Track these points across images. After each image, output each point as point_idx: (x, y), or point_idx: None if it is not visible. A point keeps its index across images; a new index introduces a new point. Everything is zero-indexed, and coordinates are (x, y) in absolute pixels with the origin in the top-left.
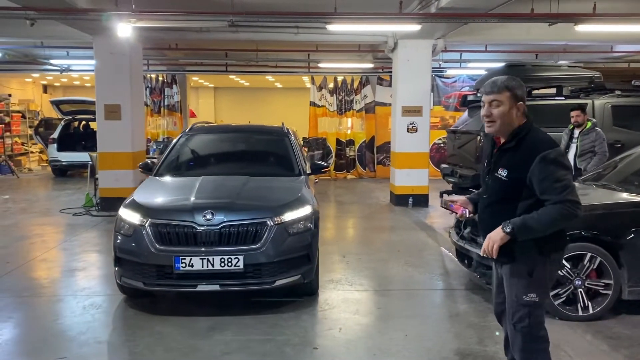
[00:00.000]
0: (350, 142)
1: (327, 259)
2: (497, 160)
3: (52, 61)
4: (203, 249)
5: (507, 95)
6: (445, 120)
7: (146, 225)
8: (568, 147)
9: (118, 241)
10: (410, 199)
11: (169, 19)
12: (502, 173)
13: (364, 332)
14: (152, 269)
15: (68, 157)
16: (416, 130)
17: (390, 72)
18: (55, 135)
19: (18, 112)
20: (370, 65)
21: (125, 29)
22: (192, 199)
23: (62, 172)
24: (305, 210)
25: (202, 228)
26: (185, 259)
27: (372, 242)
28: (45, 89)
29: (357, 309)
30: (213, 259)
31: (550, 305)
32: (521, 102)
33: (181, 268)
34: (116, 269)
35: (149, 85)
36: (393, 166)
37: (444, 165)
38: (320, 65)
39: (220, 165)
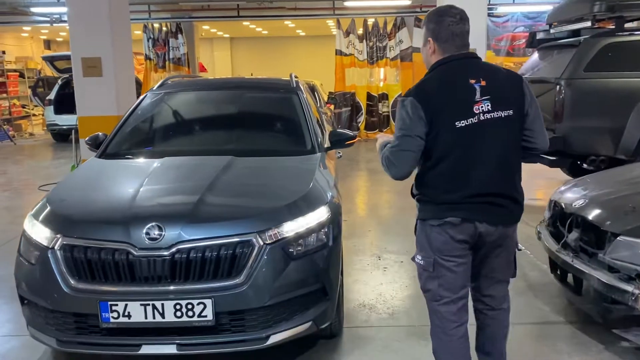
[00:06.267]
0: (384, 97)
1: (355, 262)
2: None
3: (34, 10)
4: (145, 288)
5: None
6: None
7: (56, 247)
8: None
9: (20, 271)
10: None
11: None
12: None
13: None
14: (68, 318)
15: (67, 120)
16: None
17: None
18: (52, 96)
19: (15, 70)
20: (407, 2)
21: None
22: (133, 200)
23: (63, 137)
24: (319, 214)
25: (143, 253)
26: (116, 305)
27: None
28: (48, 44)
29: None
30: (163, 305)
31: None
32: None
33: (111, 320)
34: (23, 309)
35: (152, 36)
36: None
37: None
38: (346, 4)
39: (196, 139)
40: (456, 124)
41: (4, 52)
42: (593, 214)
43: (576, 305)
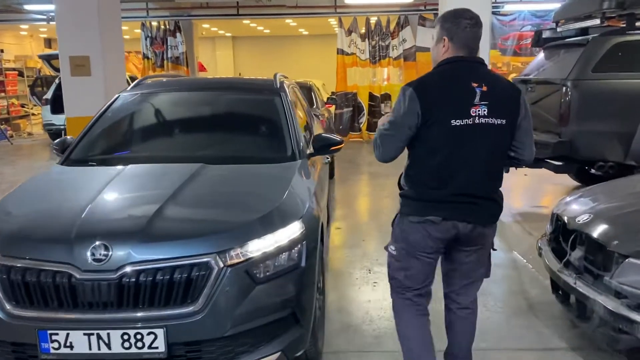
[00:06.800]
0: (386, 97)
1: (344, 275)
2: None
3: (28, 7)
4: (89, 315)
5: None
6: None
7: None
8: None
9: None
10: None
11: None
12: None
13: None
14: (6, 347)
15: (63, 120)
16: None
17: (435, 9)
18: (49, 95)
19: (14, 69)
20: (411, 0)
21: None
22: (79, 214)
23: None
24: (290, 231)
25: (87, 276)
26: (57, 334)
27: None
28: (49, 43)
29: None
30: (109, 334)
31: None
32: None
33: (52, 350)
34: None
35: (149, 35)
36: None
37: None
38: (348, 1)
39: (167, 144)
40: (451, 122)
41: (2, 51)
42: (599, 232)
43: (580, 328)
